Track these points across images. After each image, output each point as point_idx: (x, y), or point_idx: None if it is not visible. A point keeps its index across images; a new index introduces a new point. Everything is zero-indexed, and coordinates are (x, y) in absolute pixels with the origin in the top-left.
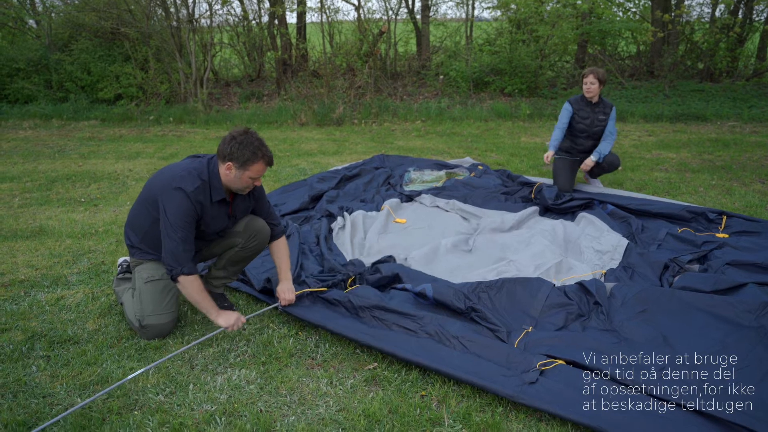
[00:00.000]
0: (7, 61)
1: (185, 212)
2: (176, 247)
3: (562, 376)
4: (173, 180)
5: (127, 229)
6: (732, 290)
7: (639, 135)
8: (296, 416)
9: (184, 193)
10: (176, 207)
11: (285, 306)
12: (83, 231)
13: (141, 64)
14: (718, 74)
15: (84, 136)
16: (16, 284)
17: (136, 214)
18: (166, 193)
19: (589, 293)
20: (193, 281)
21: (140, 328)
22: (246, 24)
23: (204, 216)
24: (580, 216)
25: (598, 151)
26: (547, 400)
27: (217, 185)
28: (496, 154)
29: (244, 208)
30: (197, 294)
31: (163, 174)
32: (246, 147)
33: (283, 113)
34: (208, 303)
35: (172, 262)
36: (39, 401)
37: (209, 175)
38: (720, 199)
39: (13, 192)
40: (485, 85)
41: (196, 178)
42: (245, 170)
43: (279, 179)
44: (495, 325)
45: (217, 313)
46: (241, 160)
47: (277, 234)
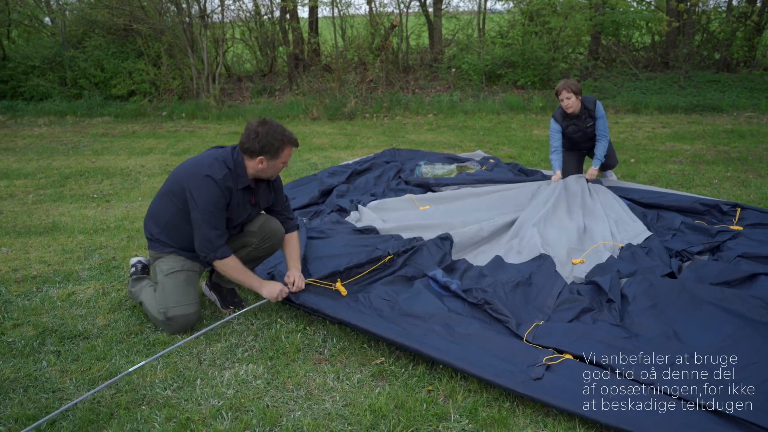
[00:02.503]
0: (23, 59)
1: (216, 199)
2: (209, 233)
3: (569, 371)
4: (201, 168)
5: (148, 221)
6: (744, 283)
7: (653, 127)
8: (302, 411)
9: (213, 181)
10: (207, 194)
11: (294, 292)
12: (95, 227)
13: (153, 60)
14: (735, 64)
15: (97, 133)
16: (28, 280)
17: (158, 206)
18: (195, 181)
19: (602, 291)
20: (230, 262)
21: (166, 321)
22: (258, 19)
23: (232, 203)
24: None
25: (597, 158)
26: (553, 395)
27: (242, 174)
28: (507, 147)
29: (266, 198)
30: (238, 273)
31: (190, 164)
32: (272, 137)
33: (294, 108)
34: (251, 277)
35: (206, 248)
36: (49, 396)
37: (234, 163)
38: (735, 191)
39: (28, 188)
40: (497, 77)
41: (223, 166)
42: (277, 158)
43: (290, 174)
44: (506, 316)
45: (260, 284)
46: (271, 151)
47: (290, 228)
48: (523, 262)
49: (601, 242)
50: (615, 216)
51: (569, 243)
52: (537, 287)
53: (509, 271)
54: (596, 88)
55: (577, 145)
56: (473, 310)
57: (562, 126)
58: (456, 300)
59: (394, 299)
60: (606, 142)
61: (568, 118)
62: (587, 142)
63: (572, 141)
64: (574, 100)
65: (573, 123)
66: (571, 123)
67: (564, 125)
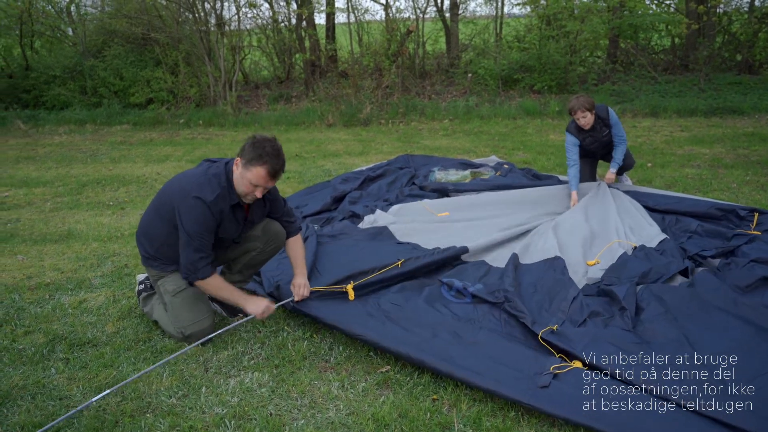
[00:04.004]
0: (45, 69)
1: (204, 222)
2: (192, 255)
3: (577, 380)
4: (191, 188)
5: (141, 238)
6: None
7: (671, 130)
8: (306, 420)
9: (203, 203)
10: (195, 217)
11: (298, 301)
12: (109, 234)
13: (171, 68)
14: (757, 66)
15: (116, 141)
16: (41, 287)
17: (150, 223)
18: (186, 202)
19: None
20: (212, 281)
21: (185, 338)
22: (275, 26)
23: (223, 223)
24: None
25: (615, 162)
26: (559, 405)
27: (233, 191)
28: (523, 152)
29: (260, 211)
30: (221, 290)
31: (180, 181)
32: (257, 148)
33: (310, 114)
34: (236, 293)
35: (188, 270)
36: (56, 403)
37: (227, 180)
38: (754, 196)
39: (46, 196)
40: (514, 82)
41: (216, 186)
42: (247, 170)
43: (303, 180)
44: (521, 312)
45: (245, 300)
46: (246, 158)
47: (292, 231)
48: (535, 262)
49: (615, 240)
50: (630, 221)
51: (584, 245)
52: (550, 295)
53: (525, 275)
54: (614, 91)
55: (593, 153)
56: (483, 318)
57: (579, 139)
58: (466, 306)
59: (403, 305)
60: (624, 146)
61: (584, 132)
62: (603, 149)
63: (590, 151)
64: (589, 117)
65: (589, 135)
66: (587, 135)
67: (581, 138)
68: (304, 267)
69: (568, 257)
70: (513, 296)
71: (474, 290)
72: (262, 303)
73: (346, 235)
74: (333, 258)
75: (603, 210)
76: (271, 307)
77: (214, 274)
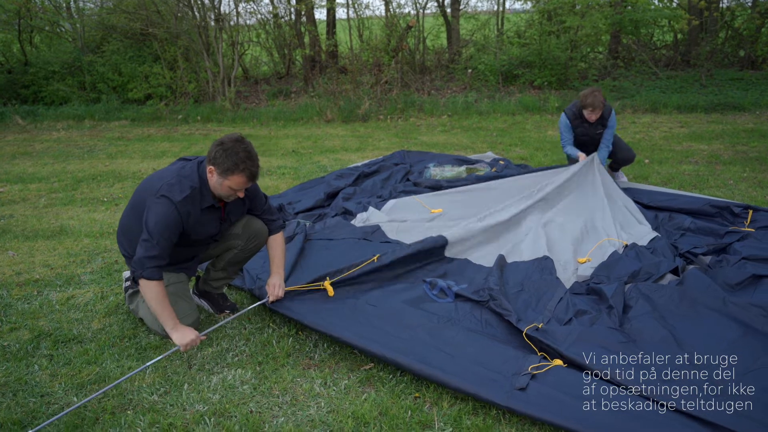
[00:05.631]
0: (44, 65)
1: (168, 222)
2: (146, 253)
3: (556, 380)
4: (161, 187)
5: (121, 238)
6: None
7: (670, 126)
8: (286, 417)
9: (171, 203)
10: (159, 216)
11: (273, 302)
12: (101, 230)
13: (170, 64)
14: (760, 61)
15: (113, 136)
16: (30, 283)
17: (129, 222)
18: (152, 200)
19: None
20: (152, 286)
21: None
22: (274, 21)
23: (193, 225)
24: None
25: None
26: (536, 406)
27: (207, 192)
28: (520, 148)
29: (239, 209)
30: (157, 302)
31: (153, 179)
32: (230, 156)
33: (309, 110)
34: (167, 314)
35: (136, 266)
36: (37, 400)
37: (199, 181)
38: (750, 193)
39: (41, 192)
40: (514, 78)
41: (186, 186)
42: (225, 179)
43: (299, 176)
44: (507, 311)
45: (174, 327)
46: (222, 167)
47: (274, 229)
48: (524, 261)
49: (605, 238)
50: (622, 218)
51: (575, 243)
52: (537, 295)
53: (512, 274)
54: (614, 87)
55: (583, 147)
56: (464, 318)
57: (573, 126)
58: (447, 306)
59: (381, 305)
60: (607, 152)
61: (580, 119)
62: (591, 144)
63: (578, 142)
64: (598, 114)
65: (584, 126)
66: (581, 125)
67: (575, 125)
68: (281, 267)
69: (557, 256)
70: (498, 295)
71: (458, 290)
72: (189, 335)
73: (336, 232)
74: (317, 256)
75: (594, 207)
76: (197, 341)
77: (158, 281)
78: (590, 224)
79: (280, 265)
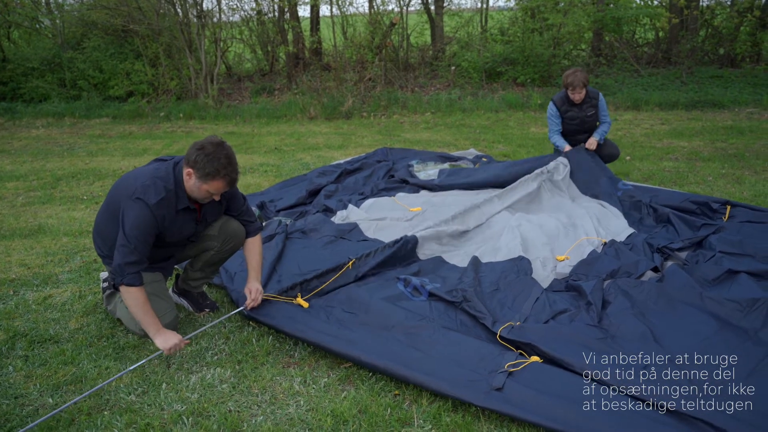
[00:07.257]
0: (22, 61)
1: (143, 225)
2: (125, 258)
3: (533, 377)
4: (136, 189)
5: (96, 238)
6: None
7: (651, 123)
8: (265, 416)
9: (146, 206)
10: (134, 219)
11: (250, 309)
12: (80, 229)
13: (152, 60)
14: (739, 59)
15: (94, 134)
16: (6, 283)
17: (104, 222)
18: (128, 202)
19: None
20: (134, 293)
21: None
22: (258, 17)
23: (168, 227)
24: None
25: (598, 132)
26: (513, 405)
27: (182, 194)
28: (503, 145)
29: (215, 210)
30: (138, 308)
31: (128, 179)
32: (211, 161)
33: (292, 107)
34: (150, 319)
35: (117, 271)
36: (11, 402)
37: (175, 183)
38: (728, 189)
39: (18, 191)
40: (497, 75)
41: (161, 189)
42: (204, 183)
43: (281, 174)
44: (481, 313)
45: (157, 331)
46: (202, 172)
47: (251, 231)
48: (499, 261)
49: (584, 237)
50: (597, 212)
51: (551, 242)
52: (513, 293)
53: (487, 274)
54: (597, 84)
55: (573, 136)
56: (439, 316)
57: (561, 111)
58: (421, 304)
59: (357, 308)
60: (608, 126)
61: (569, 104)
62: (583, 133)
63: (568, 130)
64: (583, 93)
65: (574, 109)
66: (571, 109)
67: (563, 110)
68: (258, 271)
69: (534, 255)
70: (472, 296)
71: (431, 288)
72: (172, 339)
73: (316, 230)
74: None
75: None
76: (181, 345)
77: (139, 287)
78: (567, 221)
79: (257, 269)
